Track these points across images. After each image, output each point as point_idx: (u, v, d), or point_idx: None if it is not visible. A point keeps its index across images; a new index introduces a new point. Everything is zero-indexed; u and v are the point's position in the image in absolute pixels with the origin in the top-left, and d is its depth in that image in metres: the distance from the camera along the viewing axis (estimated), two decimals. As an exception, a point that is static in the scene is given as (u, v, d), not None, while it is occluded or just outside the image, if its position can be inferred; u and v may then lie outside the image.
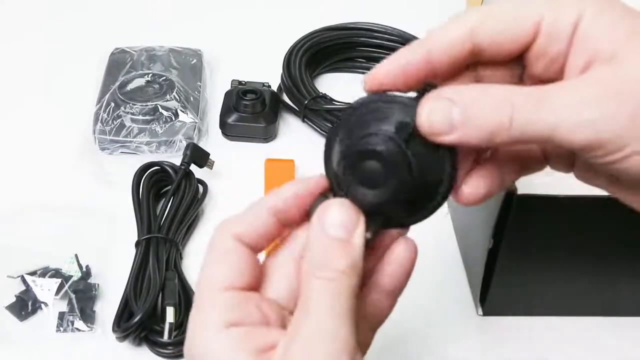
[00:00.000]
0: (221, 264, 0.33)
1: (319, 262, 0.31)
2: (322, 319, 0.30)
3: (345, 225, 0.32)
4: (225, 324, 0.31)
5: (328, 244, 0.31)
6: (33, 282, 0.56)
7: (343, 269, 0.31)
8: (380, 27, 0.82)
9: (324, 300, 0.30)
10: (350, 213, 0.32)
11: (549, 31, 0.32)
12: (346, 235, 0.32)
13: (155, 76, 0.74)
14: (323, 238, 0.32)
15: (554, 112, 0.30)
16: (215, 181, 0.67)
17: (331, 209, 0.32)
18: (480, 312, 0.58)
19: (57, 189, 0.66)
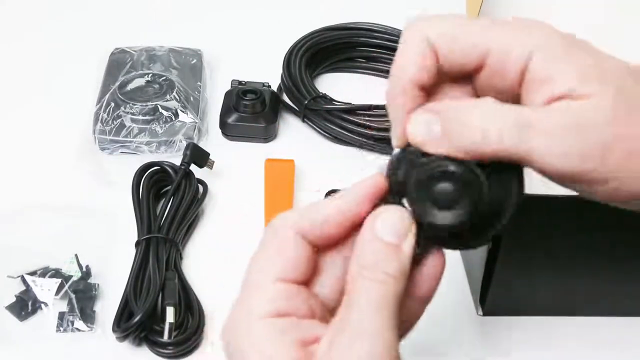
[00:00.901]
0: (278, 256, 0.33)
1: (369, 263, 0.32)
2: (368, 319, 0.31)
3: (397, 232, 0.32)
4: (271, 314, 0.32)
5: (380, 247, 0.32)
6: (33, 282, 0.56)
7: (393, 273, 0.32)
8: (380, 27, 0.82)
9: (373, 300, 0.31)
10: (404, 221, 0.33)
11: (495, 66, 0.33)
12: (397, 241, 0.32)
13: (155, 76, 0.74)
14: (375, 241, 0.32)
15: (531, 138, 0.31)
16: (215, 181, 0.67)
17: (386, 214, 0.33)
18: (480, 312, 0.58)
19: (57, 189, 0.66)
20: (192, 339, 0.53)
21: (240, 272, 0.64)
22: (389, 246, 0.32)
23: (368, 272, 0.32)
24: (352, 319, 0.31)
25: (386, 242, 0.32)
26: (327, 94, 0.74)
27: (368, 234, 0.32)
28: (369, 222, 0.33)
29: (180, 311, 0.54)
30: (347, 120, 0.71)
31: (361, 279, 0.32)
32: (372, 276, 0.31)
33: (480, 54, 0.33)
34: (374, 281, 0.31)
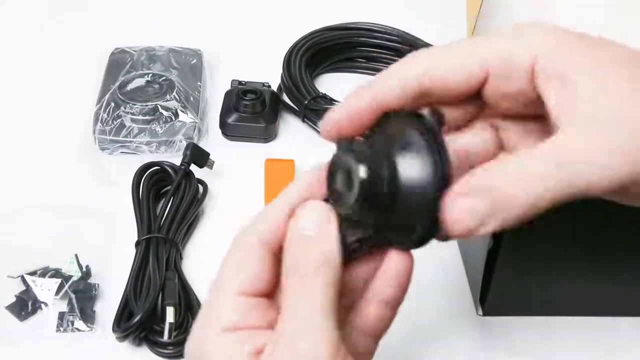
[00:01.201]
0: (240, 269, 0.33)
1: (292, 261, 0.32)
2: (300, 317, 0.31)
3: (316, 223, 0.32)
4: (228, 328, 0.32)
5: (300, 243, 0.32)
6: (33, 282, 0.56)
7: (315, 264, 0.31)
8: (380, 27, 0.82)
9: (300, 298, 0.31)
10: (321, 211, 0.32)
11: (499, 72, 0.32)
12: (317, 232, 0.32)
13: (155, 76, 0.74)
14: (296, 238, 0.32)
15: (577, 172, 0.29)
16: (215, 181, 0.67)
17: (304, 209, 0.33)
18: (480, 312, 0.58)
19: (57, 189, 0.66)
20: (192, 339, 0.53)
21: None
22: (309, 239, 0.32)
23: (293, 270, 0.32)
24: (286, 320, 0.31)
25: (306, 236, 0.32)
26: (327, 94, 0.74)
27: (290, 232, 0.32)
28: (292, 221, 0.33)
29: (180, 311, 0.54)
30: (347, 120, 0.71)
31: (290, 279, 0.32)
32: (296, 273, 0.31)
33: (478, 67, 0.32)
34: (298, 277, 0.31)
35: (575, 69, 0.30)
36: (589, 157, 0.29)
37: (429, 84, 0.33)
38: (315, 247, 0.32)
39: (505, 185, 0.29)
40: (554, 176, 0.29)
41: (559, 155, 0.29)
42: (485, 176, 0.30)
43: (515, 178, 0.29)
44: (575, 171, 0.29)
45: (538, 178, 0.29)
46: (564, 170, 0.29)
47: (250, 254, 0.33)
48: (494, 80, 0.33)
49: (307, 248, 0.32)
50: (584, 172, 0.29)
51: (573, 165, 0.29)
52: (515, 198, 0.29)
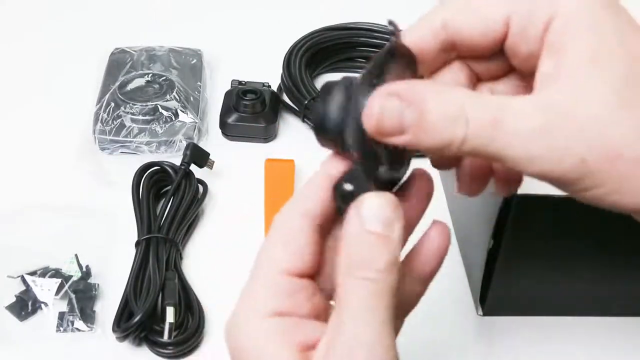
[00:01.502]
0: (285, 246, 0.31)
1: (358, 260, 0.29)
2: (363, 325, 0.28)
3: (385, 219, 0.29)
4: (273, 312, 0.30)
5: (367, 240, 0.29)
6: (33, 282, 0.56)
7: (384, 267, 0.29)
8: (380, 27, 0.82)
9: (365, 303, 0.29)
10: (390, 206, 0.29)
11: (518, 30, 0.31)
12: (386, 230, 0.29)
13: (155, 76, 0.74)
14: (362, 233, 0.29)
15: (506, 141, 0.28)
16: (215, 181, 0.67)
17: (369, 201, 0.29)
18: (480, 312, 0.58)
19: (57, 189, 0.66)
20: (192, 339, 0.53)
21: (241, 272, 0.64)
22: (378, 237, 0.29)
23: (357, 272, 0.29)
24: (345, 326, 0.29)
25: (374, 233, 0.29)
26: (327, 94, 0.74)
27: (353, 227, 0.29)
28: (352, 214, 0.29)
29: (180, 311, 0.54)
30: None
31: (351, 279, 0.29)
32: (362, 275, 0.29)
33: (503, 17, 0.31)
34: (365, 280, 0.29)
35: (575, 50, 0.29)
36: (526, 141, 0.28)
37: (452, 32, 0.32)
38: (384, 249, 0.29)
39: (434, 109, 0.29)
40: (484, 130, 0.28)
41: (500, 114, 0.28)
42: (422, 90, 0.29)
43: (447, 107, 0.29)
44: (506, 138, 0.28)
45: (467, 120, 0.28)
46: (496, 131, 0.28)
47: (292, 229, 0.31)
48: (512, 37, 0.31)
49: (375, 247, 0.29)
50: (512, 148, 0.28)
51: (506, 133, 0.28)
52: (435, 128, 0.28)
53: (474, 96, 0.29)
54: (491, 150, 0.28)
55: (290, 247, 0.31)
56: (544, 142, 0.28)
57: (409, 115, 0.29)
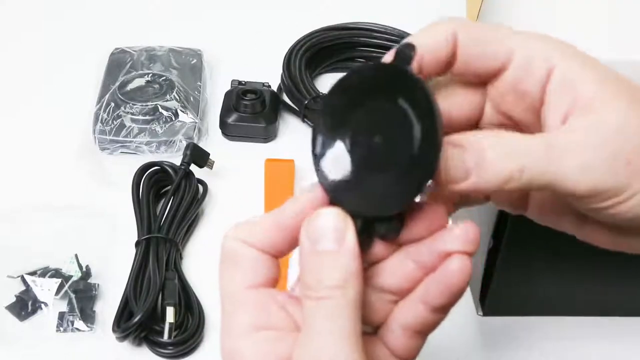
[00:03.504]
0: (234, 266, 0.32)
1: (309, 282, 0.29)
2: (324, 341, 0.29)
3: (332, 235, 0.29)
4: (253, 327, 0.30)
5: (317, 260, 0.29)
6: (33, 282, 0.56)
7: (336, 283, 0.29)
8: (380, 27, 0.82)
9: (321, 323, 0.29)
10: (332, 217, 0.30)
11: (520, 65, 0.32)
12: (335, 245, 0.29)
13: (155, 76, 0.74)
14: (311, 255, 0.30)
15: (561, 162, 0.30)
16: (215, 181, 0.67)
17: (314, 221, 0.30)
18: (480, 312, 0.58)
19: (57, 189, 0.66)
20: (192, 339, 0.53)
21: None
22: (327, 254, 0.29)
23: (312, 292, 0.29)
24: (310, 343, 0.29)
25: (323, 252, 0.29)
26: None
27: (303, 249, 0.30)
28: (303, 235, 0.30)
29: (180, 311, 0.54)
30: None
31: (307, 300, 0.29)
32: (316, 295, 0.29)
33: (506, 52, 0.32)
34: (319, 300, 0.29)
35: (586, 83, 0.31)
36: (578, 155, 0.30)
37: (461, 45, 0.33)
38: (334, 265, 0.29)
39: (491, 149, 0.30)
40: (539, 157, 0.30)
41: (549, 141, 0.30)
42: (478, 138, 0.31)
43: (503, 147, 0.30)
44: (560, 159, 0.30)
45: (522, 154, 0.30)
46: (550, 155, 0.30)
47: (236, 252, 0.32)
48: (512, 71, 0.33)
49: (325, 266, 0.29)
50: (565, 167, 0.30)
51: (560, 154, 0.30)
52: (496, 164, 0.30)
53: (523, 134, 0.31)
54: (549, 176, 0.30)
55: (240, 265, 0.32)
56: (593, 154, 0.30)
57: (470, 159, 0.30)
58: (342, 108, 0.31)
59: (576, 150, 0.30)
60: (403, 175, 0.30)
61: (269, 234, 0.32)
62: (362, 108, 0.31)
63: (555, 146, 0.30)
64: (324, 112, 0.31)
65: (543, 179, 0.30)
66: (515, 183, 0.30)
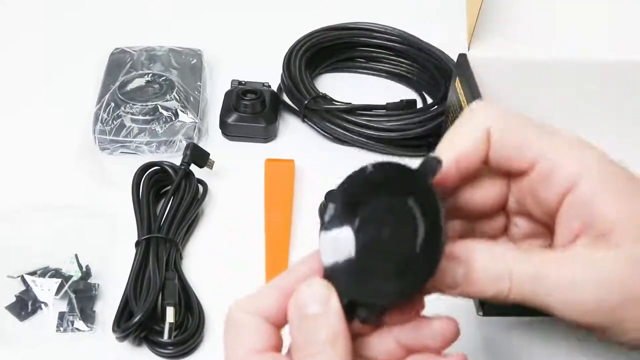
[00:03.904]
0: (239, 334, 0.33)
1: (300, 343, 0.32)
2: None
3: (318, 300, 0.32)
4: None
5: (305, 324, 0.32)
6: (33, 282, 0.56)
7: (325, 338, 0.31)
8: (380, 27, 0.82)
9: None
10: (317, 286, 0.32)
11: (542, 174, 0.33)
12: (320, 308, 0.32)
13: (155, 76, 0.74)
14: (300, 320, 0.32)
15: (547, 292, 0.32)
16: (215, 181, 0.67)
17: (303, 287, 0.33)
18: (480, 312, 0.58)
19: (57, 189, 0.66)
20: (192, 339, 0.53)
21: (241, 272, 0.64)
22: (315, 317, 0.32)
23: (302, 352, 0.32)
24: None
25: (309, 315, 0.32)
26: (327, 94, 0.74)
27: (292, 315, 0.32)
28: (291, 306, 0.33)
29: (180, 311, 0.54)
30: (347, 120, 0.71)
31: (298, 355, 0.32)
32: (306, 353, 0.31)
33: (532, 158, 0.33)
34: (310, 357, 0.31)
35: (604, 214, 0.32)
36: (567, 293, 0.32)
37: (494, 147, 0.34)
38: (321, 324, 0.32)
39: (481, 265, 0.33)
40: (524, 286, 0.32)
41: (539, 271, 0.32)
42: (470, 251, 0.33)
43: (492, 263, 0.33)
44: (546, 293, 0.32)
45: (507, 276, 0.32)
46: (536, 284, 0.32)
47: (242, 322, 0.34)
48: (535, 177, 0.33)
49: (313, 326, 0.32)
50: (550, 301, 0.32)
51: (547, 290, 0.32)
52: (482, 281, 0.32)
53: (518, 253, 0.33)
54: (537, 301, 0.32)
55: (251, 332, 0.33)
56: (579, 295, 0.31)
57: (460, 272, 0.32)
58: (360, 195, 0.33)
59: (567, 288, 0.31)
60: (401, 272, 0.31)
61: (268, 302, 0.34)
62: (377, 202, 0.33)
63: (544, 277, 0.31)
64: (343, 190, 0.34)
65: (533, 303, 0.32)
66: (502, 300, 0.32)
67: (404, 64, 0.82)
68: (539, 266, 0.32)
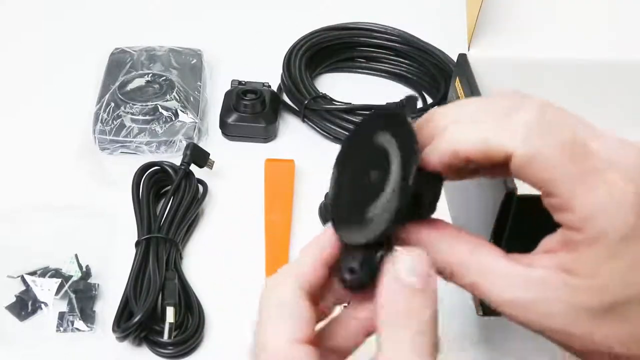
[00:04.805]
0: (287, 316, 0.32)
1: (402, 312, 0.30)
2: None
3: (424, 275, 0.31)
4: None
5: (410, 294, 0.31)
6: (33, 282, 0.56)
7: (427, 319, 0.31)
8: (380, 27, 0.82)
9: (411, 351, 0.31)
10: (424, 262, 0.31)
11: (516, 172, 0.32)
12: (424, 284, 0.31)
13: (155, 76, 0.74)
14: (403, 289, 0.31)
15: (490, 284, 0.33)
16: (215, 181, 0.67)
17: (407, 256, 0.31)
18: (480, 312, 0.57)
19: (57, 189, 0.66)
20: (192, 339, 0.53)
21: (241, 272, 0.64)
22: (416, 292, 0.31)
23: (405, 320, 0.31)
24: None
25: (414, 289, 0.31)
26: (327, 94, 0.74)
27: (393, 283, 0.31)
28: (390, 271, 0.31)
29: (180, 311, 0.54)
30: (347, 120, 0.71)
31: (400, 328, 0.31)
32: (409, 323, 0.31)
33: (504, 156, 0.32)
34: (412, 331, 0.31)
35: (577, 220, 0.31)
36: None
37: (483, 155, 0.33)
38: (425, 301, 0.31)
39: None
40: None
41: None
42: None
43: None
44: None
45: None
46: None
47: (290, 297, 0.32)
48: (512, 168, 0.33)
49: (417, 300, 0.31)
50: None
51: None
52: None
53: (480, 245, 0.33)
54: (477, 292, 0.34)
55: (292, 315, 0.32)
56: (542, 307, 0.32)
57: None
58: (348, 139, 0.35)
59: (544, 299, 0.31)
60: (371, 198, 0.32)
61: (313, 272, 0.33)
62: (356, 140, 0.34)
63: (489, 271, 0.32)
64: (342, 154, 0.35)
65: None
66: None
67: (404, 64, 0.82)
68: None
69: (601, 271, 0.30)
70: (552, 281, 0.31)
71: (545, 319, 0.31)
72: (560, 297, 0.30)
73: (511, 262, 0.32)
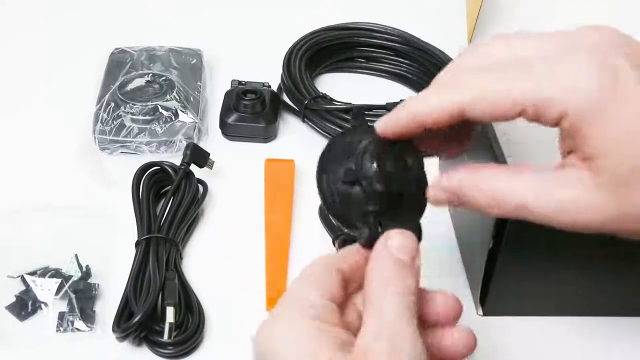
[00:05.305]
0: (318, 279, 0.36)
1: (390, 276, 0.35)
2: (402, 325, 0.33)
3: (411, 252, 0.36)
4: (313, 317, 0.34)
5: (396, 262, 0.35)
6: (33, 282, 0.56)
7: (410, 286, 0.34)
8: (380, 27, 0.82)
9: (401, 309, 0.34)
10: (411, 240, 0.36)
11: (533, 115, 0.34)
12: (410, 261, 0.35)
13: (155, 76, 0.74)
14: (391, 259, 0.35)
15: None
16: (215, 181, 0.67)
17: (400, 235, 0.36)
18: (480, 312, 0.58)
19: (57, 189, 0.66)
20: (192, 339, 0.53)
21: (241, 272, 0.64)
22: (402, 264, 0.35)
23: (393, 282, 0.34)
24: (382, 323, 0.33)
25: (400, 260, 0.35)
26: (327, 94, 0.74)
27: (383, 253, 0.36)
28: (381, 245, 0.36)
29: (180, 311, 0.54)
30: (347, 120, 0.71)
31: (388, 287, 0.34)
32: (396, 284, 0.34)
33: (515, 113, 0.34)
34: (399, 291, 0.34)
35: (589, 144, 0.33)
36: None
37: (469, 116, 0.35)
38: (409, 271, 0.35)
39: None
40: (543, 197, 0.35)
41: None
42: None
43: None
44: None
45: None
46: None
47: (324, 269, 0.36)
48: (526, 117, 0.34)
49: (403, 269, 0.35)
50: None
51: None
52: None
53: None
54: None
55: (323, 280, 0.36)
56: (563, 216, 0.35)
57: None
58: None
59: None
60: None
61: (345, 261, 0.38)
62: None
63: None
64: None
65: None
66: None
67: (404, 64, 0.82)
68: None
69: (612, 146, 0.32)
70: (584, 175, 0.33)
71: (591, 210, 0.33)
72: (597, 183, 0.32)
73: (541, 173, 0.35)
